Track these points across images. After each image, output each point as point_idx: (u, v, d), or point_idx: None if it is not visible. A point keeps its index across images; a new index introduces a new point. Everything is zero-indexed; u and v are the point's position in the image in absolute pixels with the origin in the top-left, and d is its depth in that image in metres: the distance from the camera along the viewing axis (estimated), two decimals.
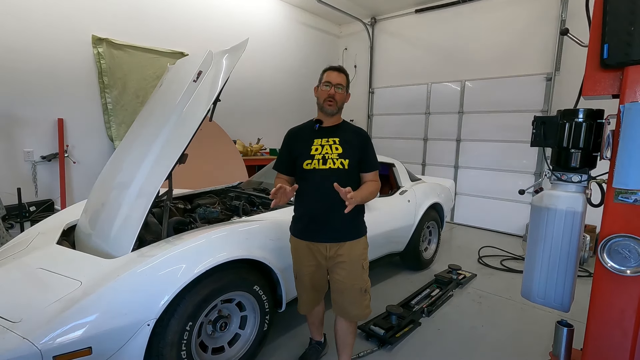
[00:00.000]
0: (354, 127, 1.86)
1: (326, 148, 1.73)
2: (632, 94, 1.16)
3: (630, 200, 1.18)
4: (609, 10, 1.20)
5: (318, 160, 1.71)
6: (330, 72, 1.77)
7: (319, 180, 1.69)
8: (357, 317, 1.83)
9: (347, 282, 1.75)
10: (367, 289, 1.80)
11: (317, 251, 1.76)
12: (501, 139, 5.16)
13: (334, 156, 1.71)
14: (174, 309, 1.61)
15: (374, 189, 1.75)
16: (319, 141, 1.75)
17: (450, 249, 4.42)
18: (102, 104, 3.94)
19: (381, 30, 6.52)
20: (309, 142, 1.76)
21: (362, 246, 1.79)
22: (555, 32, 4.65)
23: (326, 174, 1.68)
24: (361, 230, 1.81)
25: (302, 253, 1.80)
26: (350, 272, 1.74)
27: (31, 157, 3.53)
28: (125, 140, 2.34)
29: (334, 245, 1.73)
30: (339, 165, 1.70)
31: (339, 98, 1.74)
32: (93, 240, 1.93)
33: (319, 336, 2.15)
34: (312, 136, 1.77)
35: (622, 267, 1.17)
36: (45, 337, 1.31)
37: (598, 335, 1.26)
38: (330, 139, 1.74)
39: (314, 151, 1.73)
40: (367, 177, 1.78)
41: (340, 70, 1.78)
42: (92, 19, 3.77)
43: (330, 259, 1.75)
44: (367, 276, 1.81)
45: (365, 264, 1.79)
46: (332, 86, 1.73)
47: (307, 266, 1.80)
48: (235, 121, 5.28)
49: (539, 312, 2.81)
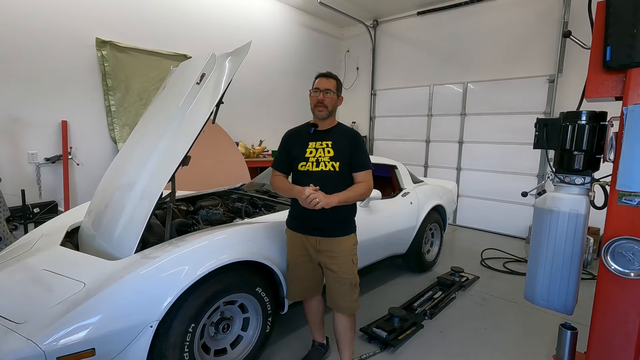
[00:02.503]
0: (347, 129, 1.93)
1: (320, 151, 1.83)
2: (635, 96, 1.16)
3: (634, 202, 1.17)
4: (611, 12, 1.20)
5: (312, 163, 1.82)
6: (320, 79, 1.86)
7: (312, 182, 1.78)
8: (346, 309, 1.89)
9: (339, 276, 1.84)
10: (356, 284, 1.89)
11: (308, 244, 1.87)
12: (504, 141, 5.15)
13: (325, 159, 1.81)
14: (176, 311, 1.62)
15: (361, 190, 1.81)
16: (313, 144, 1.85)
17: (452, 251, 4.40)
18: (106, 106, 3.97)
19: (383, 32, 6.54)
20: (304, 145, 1.87)
21: (351, 242, 1.88)
22: (558, 34, 4.65)
23: (318, 176, 1.79)
24: (350, 228, 1.90)
25: (295, 244, 1.92)
26: (341, 265, 1.84)
27: (35, 159, 3.55)
28: (128, 142, 2.35)
29: (324, 240, 1.83)
30: (330, 168, 1.80)
31: (329, 102, 1.82)
32: (96, 242, 1.94)
33: (320, 337, 2.17)
34: (307, 139, 1.88)
35: (626, 270, 1.17)
36: (49, 338, 1.32)
37: (602, 338, 1.26)
38: (323, 142, 1.84)
39: (308, 154, 1.84)
40: (357, 177, 1.84)
41: (329, 75, 1.87)
42: (95, 21, 3.80)
43: (320, 253, 1.85)
44: (356, 271, 1.90)
45: (354, 259, 1.89)
46: (320, 92, 1.82)
47: (298, 256, 1.91)
48: (237, 123, 5.30)
49: (543, 315, 2.79)
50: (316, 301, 2.07)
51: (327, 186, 1.77)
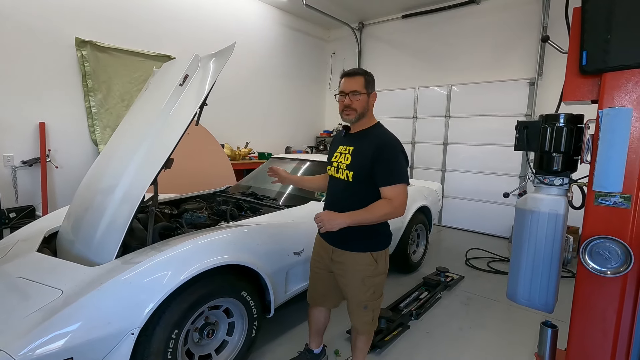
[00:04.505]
0: (380, 135, 1.66)
1: (342, 156, 1.70)
2: (610, 99, 1.20)
3: (610, 202, 1.21)
4: (586, 18, 1.24)
5: (335, 168, 1.73)
6: (344, 79, 1.67)
7: (333, 187, 1.74)
8: (355, 328, 1.82)
9: (346, 291, 1.78)
10: (368, 306, 1.73)
11: (325, 251, 1.81)
12: (487, 142, 5.25)
13: (343, 166, 1.69)
14: (159, 317, 1.58)
15: (383, 210, 1.56)
16: (341, 148, 1.74)
17: (438, 252, 4.46)
18: (86, 107, 3.87)
19: (369, 35, 6.59)
20: (336, 147, 1.79)
21: (364, 261, 1.68)
22: (538, 39, 4.77)
23: (337, 182, 1.73)
24: (368, 246, 1.68)
25: (316, 248, 1.90)
26: (348, 282, 1.74)
27: (11, 162, 3.43)
28: (109, 145, 2.29)
29: (337, 251, 1.75)
30: (344, 177, 1.67)
31: (357, 105, 1.63)
32: (75, 247, 1.88)
33: (314, 345, 2.09)
34: (340, 142, 1.79)
35: (603, 268, 1.20)
36: (24, 348, 1.27)
37: (581, 335, 1.29)
38: (348, 147, 1.69)
39: (334, 158, 1.75)
40: (383, 192, 1.59)
41: (353, 74, 1.66)
42: (75, 21, 3.70)
43: (333, 263, 1.78)
44: (370, 295, 1.71)
45: (367, 281, 1.69)
46: (346, 95, 1.64)
47: (315, 260, 1.89)
48: (222, 125, 5.24)
49: (525, 313, 2.85)
50: (321, 312, 1.98)
51: (341, 196, 1.68)
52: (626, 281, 1.19)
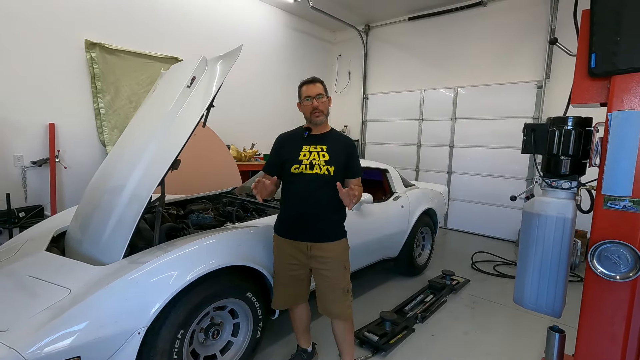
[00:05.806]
0: (341, 135, 1.97)
1: (314, 154, 1.84)
2: (619, 102, 1.19)
3: (619, 206, 1.19)
4: (595, 20, 1.23)
5: (305, 165, 1.82)
6: (307, 86, 1.88)
7: (306, 184, 1.80)
8: (339, 316, 1.88)
9: (330, 282, 1.83)
10: (349, 289, 1.88)
11: (298, 250, 1.84)
12: (493, 145, 5.21)
13: (320, 162, 1.82)
14: (165, 317, 1.59)
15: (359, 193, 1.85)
16: (307, 147, 1.86)
17: (443, 255, 4.43)
18: (95, 108, 3.91)
19: (375, 37, 6.59)
20: (298, 148, 1.87)
21: (342, 247, 1.88)
22: (546, 41, 4.74)
23: (312, 178, 1.80)
24: (341, 233, 1.90)
25: (284, 251, 1.88)
26: (333, 271, 1.83)
27: (21, 162, 3.48)
28: (117, 145, 2.32)
29: (316, 245, 1.82)
30: (324, 172, 1.80)
31: (323, 107, 1.86)
32: (83, 247, 1.91)
33: (304, 343, 2.14)
34: (301, 142, 1.89)
35: (612, 273, 1.19)
36: (33, 346, 1.29)
37: (589, 340, 1.27)
38: (318, 146, 1.85)
39: (302, 157, 1.84)
40: (353, 182, 1.88)
41: (314, 80, 1.89)
42: (85, 23, 3.75)
43: (312, 259, 1.83)
44: (349, 277, 1.89)
45: (347, 264, 1.88)
46: (312, 99, 1.84)
47: (287, 263, 1.88)
48: (229, 127, 5.26)
49: (532, 318, 2.82)
50: (302, 308, 2.04)
51: (320, 189, 1.78)
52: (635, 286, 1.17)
